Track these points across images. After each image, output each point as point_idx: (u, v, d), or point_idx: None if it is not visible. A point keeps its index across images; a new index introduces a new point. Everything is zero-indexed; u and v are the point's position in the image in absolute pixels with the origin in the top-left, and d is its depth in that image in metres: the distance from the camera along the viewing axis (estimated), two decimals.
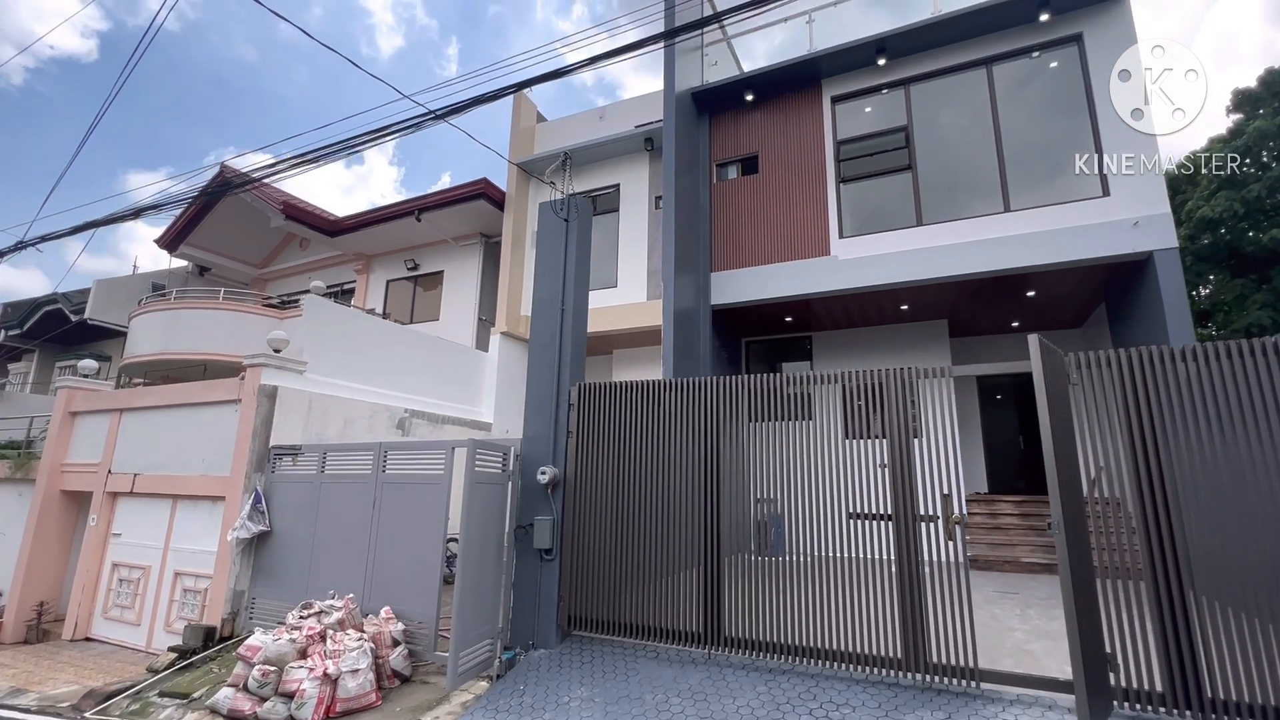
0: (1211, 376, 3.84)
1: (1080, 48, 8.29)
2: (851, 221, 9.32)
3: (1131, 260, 7.68)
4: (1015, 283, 8.67)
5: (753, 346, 11.79)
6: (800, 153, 9.80)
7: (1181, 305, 7.15)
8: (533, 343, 6.02)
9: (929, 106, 9.21)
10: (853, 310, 10.06)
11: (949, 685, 4.11)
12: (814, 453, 4.95)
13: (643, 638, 5.09)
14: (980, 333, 11.34)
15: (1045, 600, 6.51)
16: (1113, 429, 4.01)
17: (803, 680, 4.35)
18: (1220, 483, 3.72)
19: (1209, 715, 3.48)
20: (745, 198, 10.09)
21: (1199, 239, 13.56)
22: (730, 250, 9.99)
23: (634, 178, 11.53)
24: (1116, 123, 7.90)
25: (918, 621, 4.23)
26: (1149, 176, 7.66)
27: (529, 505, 5.54)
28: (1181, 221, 13.74)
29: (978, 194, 8.69)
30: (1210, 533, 3.69)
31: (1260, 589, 3.51)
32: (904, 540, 4.38)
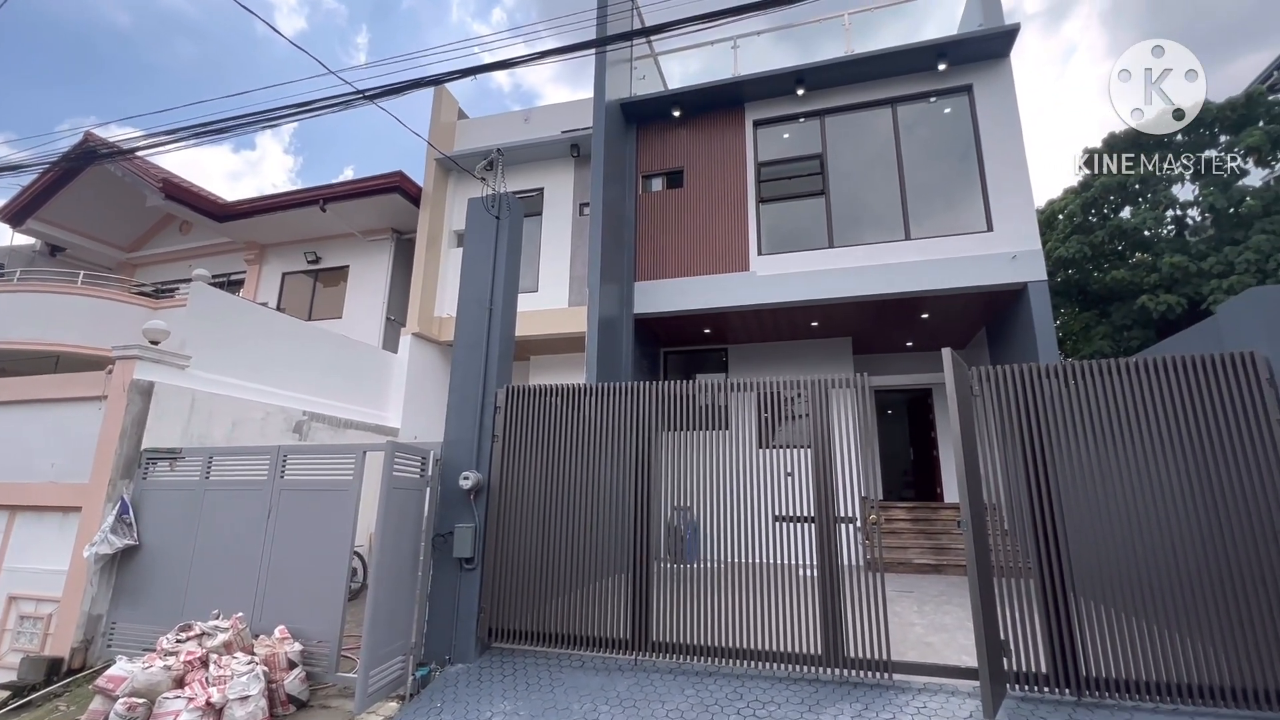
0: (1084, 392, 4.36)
1: (970, 97, 9.24)
2: (770, 240, 9.75)
3: (1009, 289, 8.59)
4: (912, 305, 9.43)
5: (671, 357, 11.99)
6: (723, 171, 10.15)
7: (1049, 331, 8.08)
8: (457, 344, 5.76)
9: (842, 138, 9.87)
10: (767, 325, 10.50)
11: (864, 678, 4.33)
12: (732, 460, 5.08)
13: (568, 647, 4.96)
14: (879, 350, 12.19)
15: (937, 597, 7.05)
16: (1009, 438, 4.43)
17: (729, 681, 4.42)
18: (1092, 489, 4.22)
19: (1084, 691, 3.91)
20: (670, 210, 10.29)
21: (1056, 276, 15.43)
22: (654, 261, 10.12)
23: (559, 183, 11.44)
24: (999, 166, 8.86)
25: (837, 620, 4.43)
26: (1025, 216, 8.64)
27: (449, 512, 5.27)
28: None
29: (883, 221, 9.40)
30: (1084, 534, 4.17)
31: (1124, 584, 4.02)
32: (825, 542, 4.59)
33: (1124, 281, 13.89)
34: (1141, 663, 3.89)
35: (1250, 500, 3.88)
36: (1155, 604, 3.95)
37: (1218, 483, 3.97)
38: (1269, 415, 3.96)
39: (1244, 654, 3.72)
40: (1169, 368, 4.23)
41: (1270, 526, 3.82)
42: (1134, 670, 3.90)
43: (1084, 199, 15.20)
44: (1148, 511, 4.07)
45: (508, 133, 11.71)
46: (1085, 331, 14.91)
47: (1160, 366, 4.25)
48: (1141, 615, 3.98)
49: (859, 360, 11.59)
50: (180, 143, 6.33)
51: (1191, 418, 4.11)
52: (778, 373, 11.18)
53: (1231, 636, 3.76)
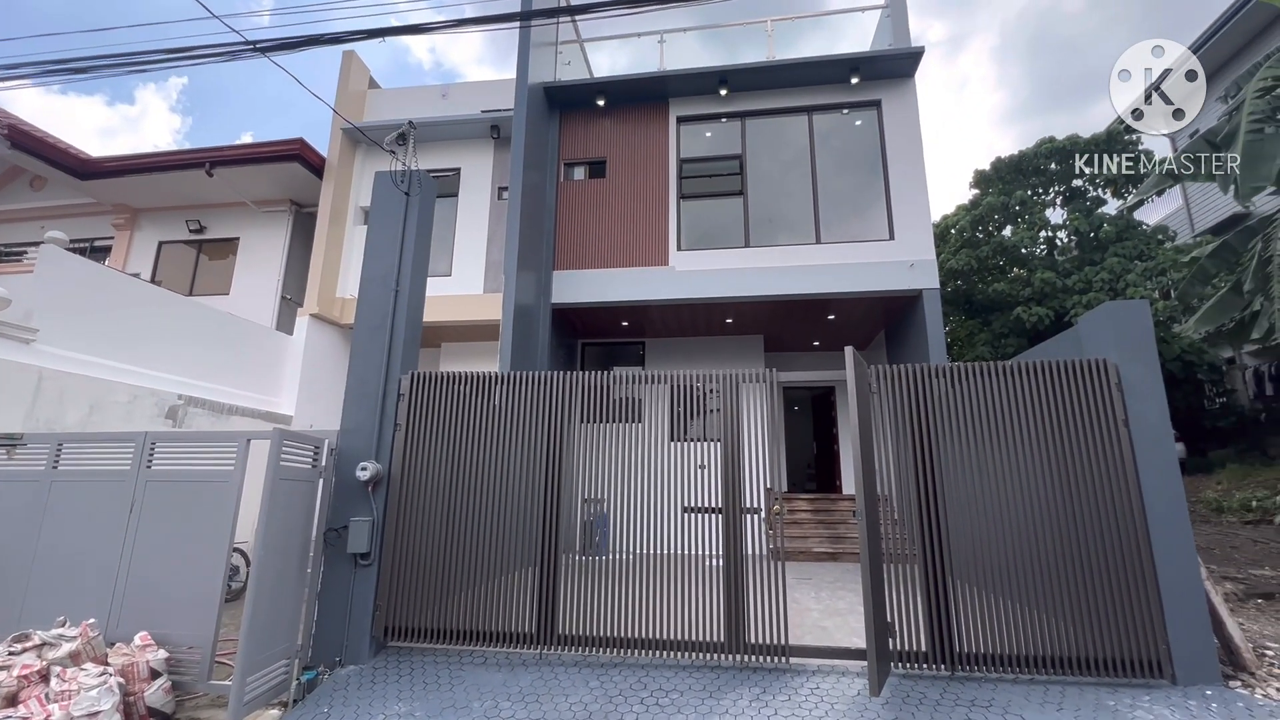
0: (966, 392, 4.72)
1: (879, 112, 9.77)
2: (689, 236, 9.89)
3: (907, 295, 9.19)
4: (820, 306, 9.88)
5: (589, 348, 11.91)
6: (646, 165, 10.17)
7: (940, 335, 8.72)
8: (359, 326, 5.40)
9: (761, 141, 10.16)
10: (685, 320, 10.66)
11: (764, 663, 4.49)
12: (645, 453, 5.10)
13: (471, 643, 4.80)
14: (788, 349, 12.71)
15: (833, 584, 7.45)
16: (901, 433, 4.72)
17: (634, 672, 4.44)
18: (970, 481, 4.59)
19: (958, 666, 4.25)
20: (591, 200, 10.19)
21: (947, 285, 16.73)
22: (574, 250, 9.99)
23: (477, 164, 11.03)
24: (902, 179, 9.44)
25: (740, 608, 4.56)
26: (922, 228, 9.27)
27: (344, 505, 4.94)
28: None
29: (796, 225, 9.77)
30: (962, 523, 4.53)
31: (993, 569, 4.40)
32: (731, 533, 4.70)
33: (1003, 293, 15.25)
34: (1007, 639, 4.28)
35: (1100, 492, 4.36)
36: (1019, 586, 4.35)
37: (1073, 476, 4.43)
38: (1117, 416, 4.47)
39: (1090, 628, 4.18)
40: (1037, 372, 4.66)
41: (1115, 516, 4.31)
42: (1000, 645, 4.28)
43: (973, 216, 16.54)
44: (1015, 501, 4.48)
45: (423, 107, 11.14)
46: (970, 337, 16.26)
47: (1029, 370, 4.68)
48: (1008, 596, 4.37)
49: (769, 357, 12.02)
50: (29, 79, 5.50)
51: (1054, 417, 4.56)
52: (693, 367, 11.38)
53: (1080, 613, 4.22)
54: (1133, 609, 4.16)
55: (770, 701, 3.91)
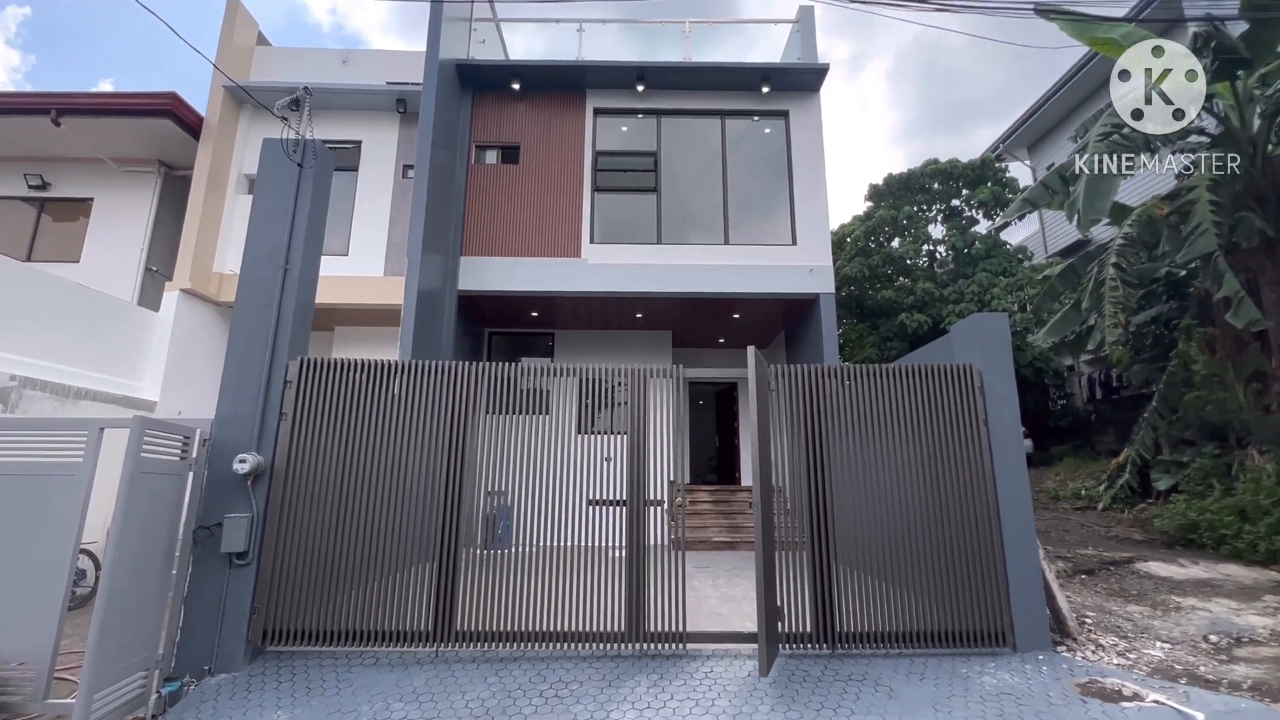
0: (854, 391, 5.10)
1: (787, 122, 10.25)
2: (603, 229, 9.89)
3: (806, 298, 9.74)
4: (727, 305, 10.25)
5: (497, 338, 11.63)
6: (561, 154, 10.05)
7: (834, 337, 9.32)
8: (240, 305, 4.95)
9: (676, 140, 10.33)
10: (595, 313, 10.67)
11: (662, 650, 4.63)
12: (552, 445, 5.08)
13: (362, 644, 4.57)
14: (695, 345, 13.07)
15: (730, 571, 7.78)
16: (796, 428, 5.01)
17: (534, 665, 4.42)
18: (854, 472, 4.96)
19: (839, 645, 4.60)
20: (504, 186, 9.93)
21: (841, 290, 17.87)
22: (483, 236, 9.70)
23: (380, 139, 10.41)
24: (805, 188, 9.96)
25: (640, 598, 4.66)
26: (821, 235, 9.84)
27: (218, 501, 4.52)
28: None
29: (706, 225, 10.05)
30: (846, 511, 4.89)
31: (871, 554, 4.80)
32: (635, 525, 4.79)
33: (890, 300, 16.52)
34: (882, 618, 4.69)
35: (962, 483, 4.87)
36: (893, 569, 4.77)
37: (941, 468, 4.91)
38: (979, 416, 5.00)
39: (951, 605, 4.67)
40: (913, 374, 5.12)
41: (973, 505, 4.83)
42: (876, 624, 4.68)
43: (866, 227, 17.76)
44: (892, 492, 4.90)
45: (321, 72, 10.35)
46: (860, 340, 17.48)
47: (907, 373, 5.12)
48: (883, 579, 4.78)
49: (677, 353, 12.31)
50: None
51: (927, 415, 5.03)
52: (603, 360, 11.42)
53: (943, 592, 4.70)
54: (984, 587, 4.69)
55: (666, 687, 4.04)
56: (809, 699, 3.85)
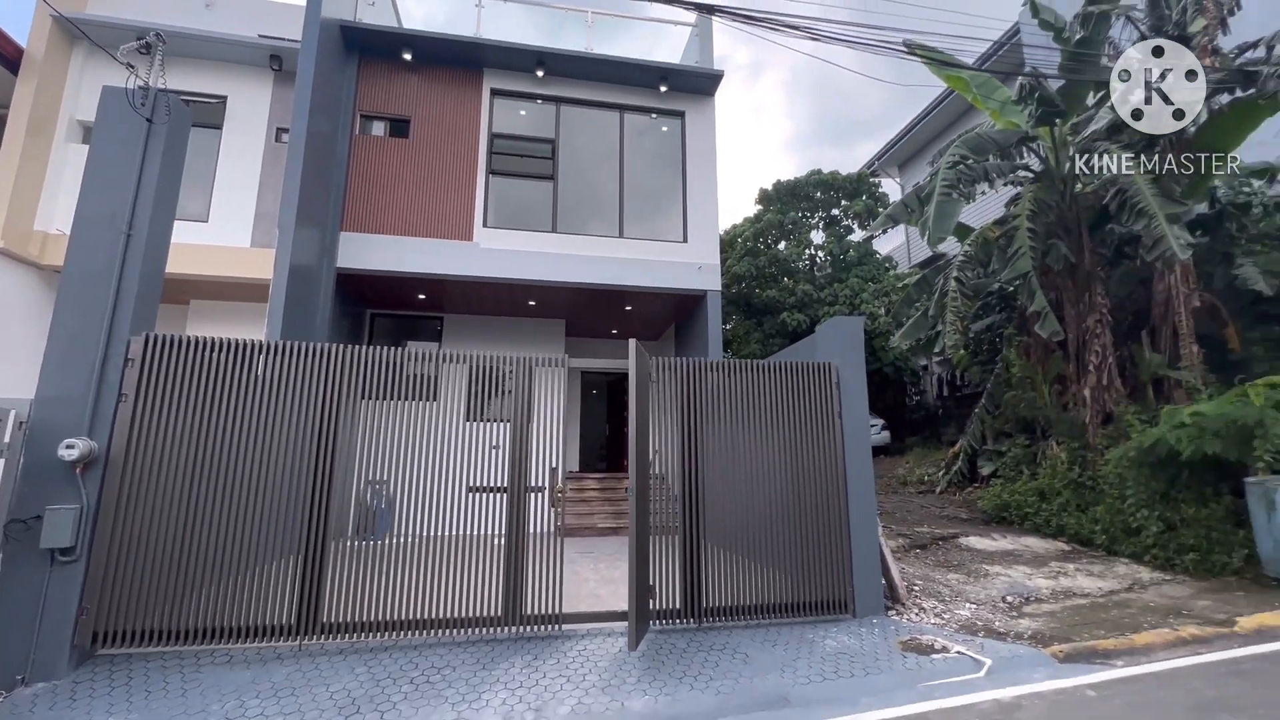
0: (732, 384, 5.48)
1: (683, 123, 10.59)
2: (497, 213, 9.72)
3: (695, 294, 10.17)
4: (620, 297, 10.46)
5: (379, 320, 11.08)
6: (456, 133, 9.74)
7: (719, 332, 9.83)
8: (70, 271, 4.40)
9: (575, 129, 10.34)
10: (487, 298, 10.48)
11: (539, 632, 4.75)
12: (438, 432, 5.01)
13: (214, 641, 4.27)
14: (588, 335, 13.20)
15: (612, 556, 8.04)
16: (675, 418, 5.30)
17: (406, 653, 4.38)
18: (727, 458, 5.34)
19: (704, 619, 4.96)
20: (391, 161, 9.46)
21: (731, 288, 18.79)
22: (367, 212, 9.20)
23: (250, 97, 9.52)
24: (698, 188, 10.37)
25: (519, 582, 4.75)
26: (711, 235, 10.30)
27: (38, 490, 4.02)
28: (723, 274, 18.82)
29: (602, 216, 10.18)
30: (717, 495, 5.26)
31: (737, 533, 5.20)
32: (515, 511, 4.86)
33: (774, 299, 17.60)
34: (744, 593, 5.11)
35: (818, 469, 5.40)
36: (756, 547, 5.21)
37: (802, 455, 5.41)
38: (834, 409, 5.56)
39: (804, 578, 5.18)
40: (782, 369, 5.58)
41: (826, 488, 5.37)
42: (739, 598, 5.09)
43: (756, 229, 18.74)
44: (759, 476, 5.33)
45: (177, 13, 9.28)
46: (746, 336, 18.47)
47: (777, 368, 5.58)
48: (748, 556, 5.21)
49: (570, 342, 12.38)
50: None
51: (792, 407, 5.51)
52: (493, 347, 11.26)
53: (798, 567, 5.20)
54: (832, 562, 5.25)
55: (540, 666, 4.18)
56: (673, 669, 4.14)
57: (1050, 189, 8.84)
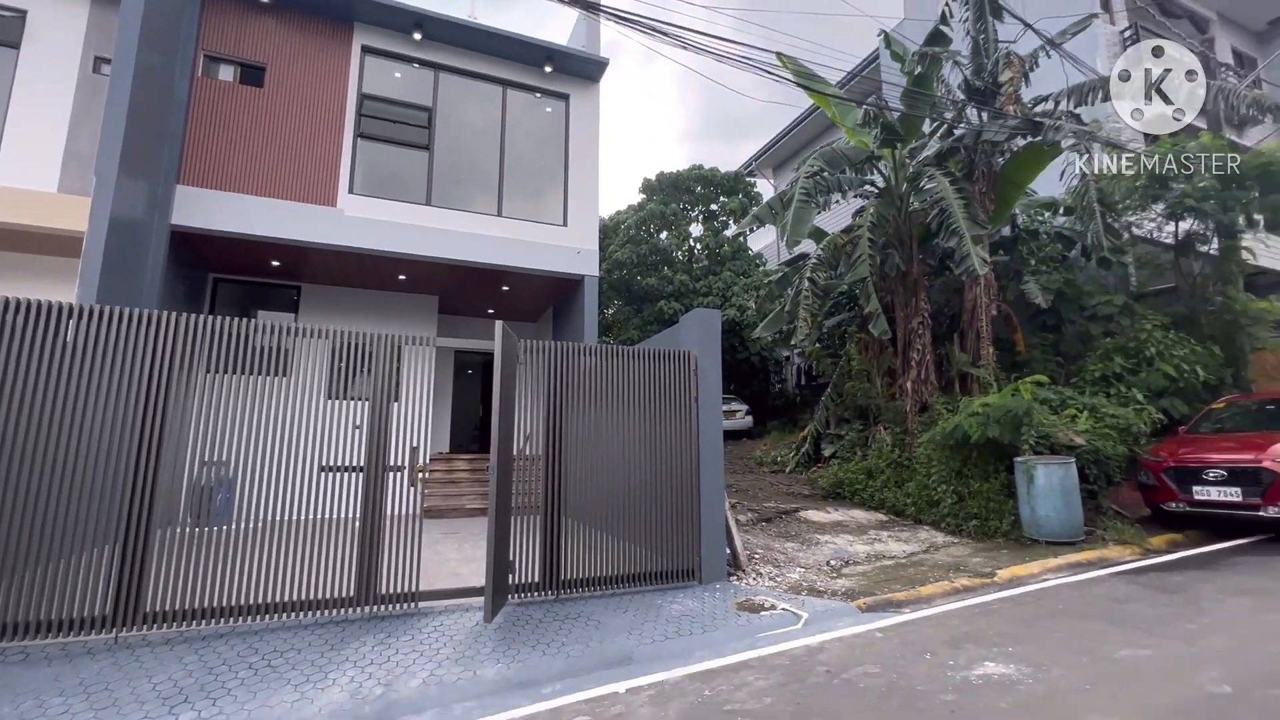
0: (601, 369, 5.72)
1: (567, 106, 10.61)
2: (365, 180, 9.20)
3: (573, 278, 10.31)
4: (497, 277, 10.34)
5: (224, 286, 10.06)
6: (320, 88, 9.03)
7: (594, 317, 10.07)
8: None
9: (454, 100, 9.99)
10: (351, 270, 9.89)
11: (394, 611, 4.73)
12: (288, 411, 4.77)
13: (11, 638, 3.81)
14: (464, 313, 12.89)
15: (478, 536, 8.05)
16: (543, 400, 5.45)
17: (245, 639, 4.18)
18: (591, 439, 5.59)
19: (562, 591, 5.21)
20: (243, 111, 8.58)
21: (613, 273, 19.14)
22: (212, 165, 8.30)
23: (59, 16, 8.18)
24: (580, 173, 10.47)
25: (373, 563, 4.69)
26: (591, 220, 10.47)
27: None
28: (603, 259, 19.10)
29: (480, 192, 9.98)
30: (580, 473, 5.51)
31: (598, 509, 5.50)
32: (371, 492, 4.77)
33: (653, 288, 18.18)
34: (602, 564, 5.41)
35: (674, 449, 5.82)
36: (615, 522, 5.54)
37: (661, 437, 5.80)
38: (692, 394, 6.00)
39: (657, 550, 5.59)
40: (646, 356, 5.92)
41: (680, 466, 5.81)
42: (597, 570, 5.39)
43: (639, 217, 19.18)
44: (620, 456, 5.64)
45: None
46: (625, 322, 18.95)
47: (641, 355, 5.91)
48: (607, 531, 5.52)
49: (445, 319, 12.03)
50: None
51: (655, 391, 5.87)
52: (358, 321, 10.65)
53: (652, 539, 5.60)
54: (684, 534, 5.72)
55: (393, 644, 4.19)
56: (528, 638, 4.35)
57: (889, 204, 10.02)
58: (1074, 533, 6.83)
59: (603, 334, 18.73)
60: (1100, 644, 3.93)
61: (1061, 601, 5.00)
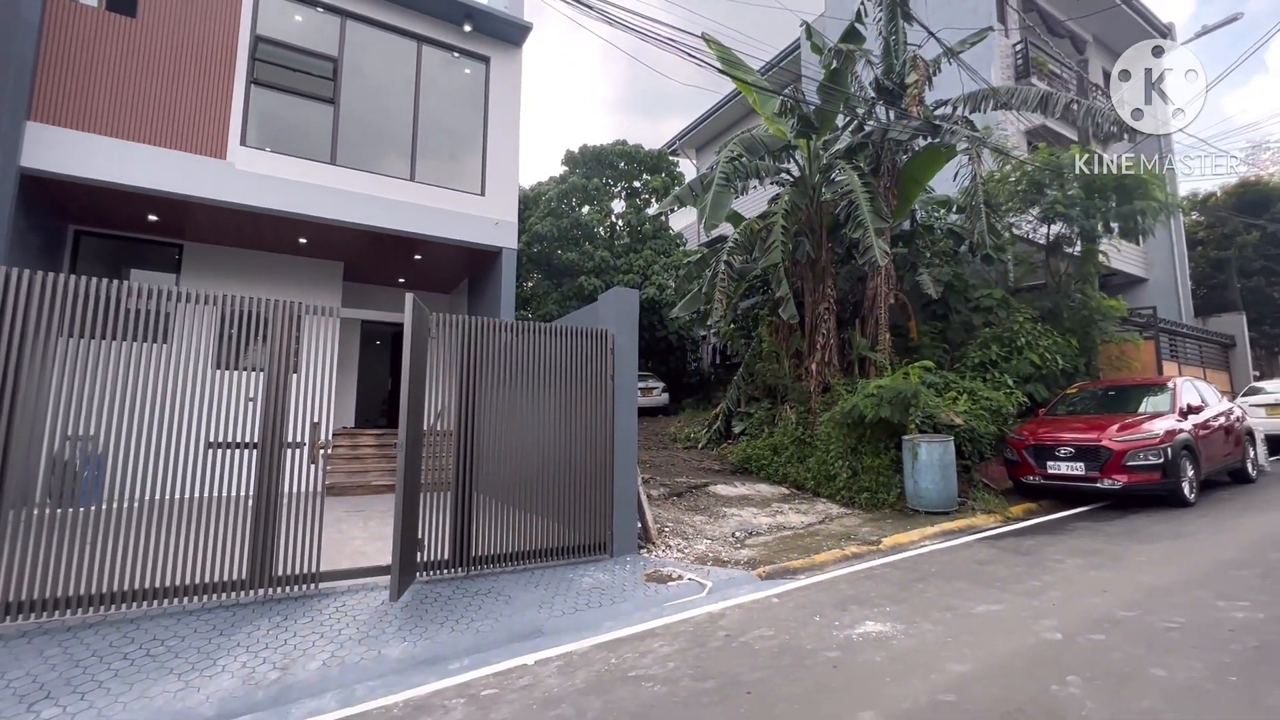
0: (518, 345, 5.65)
1: (487, 70, 10.18)
2: (260, 133, 8.44)
3: (490, 250, 10.03)
4: (409, 245, 9.86)
5: (88, 239, 8.97)
6: (206, 24, 8.14)
7: (511, 291, 9.87)
8: None
9: (363, 52, 9.33)
10: (244, 229, 9.10)
11: (292, 593, 4.53)
12: (167, 381, 4.38)
13: None
14: (372, 282, 12.22)
15: (385, 514, 7.78)
16: (453, 375, 5.32)
17: (118, 627, 3.87)
18: (504, 416, 5.54)
19: (472, 567, 5.19)
20: (110, 42, 7.59)
21: (533, 246, 18.74)
22: (73, 101, 7.32)
23: None
24: (499, 141, 10.13)
25: (268, 543, 4.45)
26: (510, 191, 10.18)
27: None
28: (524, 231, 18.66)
29: (392, 154, 9.43)
30: (492, 450, 5.45)
31: (510, 485, 5.48)
32: (266, 469, 4.50)
33: (574, 262, 18.00)
34: (514, 540, 5.42)
35: (589, 425, 5.88)
36: (528, 498, 5.54)
37: (576, 413, 5.84)
38: (608, 372, 6.07)
39: (570, 525, 5.67)
40: (563, 333, 5.91)
41: (596, 442, 5.89)
42: (509, 546, 5.39)
43: (560, 190, 18.84)
44: (534, 432, 5.64)
45: None
46: (545, 296, 18.68)
47: (558, 331, 5.90)
48: (520, 506, 5.51)
49: (350, 288, 11.38)
50: None
51: (570, 368, 5.88)
52: (252, 285, 9.84)
53: (566, 515, 5.67)
54: (596, 508, 5.82)
55: (290, 626, 4.03)
56: (436, 615, 4.31)
57: (803, 193, 10.44)
58: (949, 503, 7.58)
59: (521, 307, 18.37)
60: (962, 601, 4.43)
61: (934, 565, 5.56)
